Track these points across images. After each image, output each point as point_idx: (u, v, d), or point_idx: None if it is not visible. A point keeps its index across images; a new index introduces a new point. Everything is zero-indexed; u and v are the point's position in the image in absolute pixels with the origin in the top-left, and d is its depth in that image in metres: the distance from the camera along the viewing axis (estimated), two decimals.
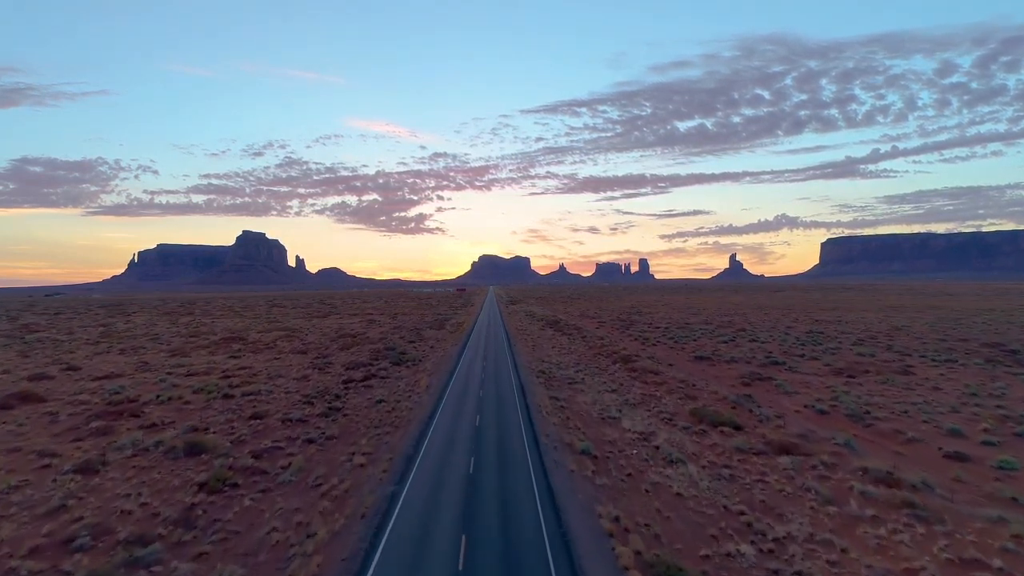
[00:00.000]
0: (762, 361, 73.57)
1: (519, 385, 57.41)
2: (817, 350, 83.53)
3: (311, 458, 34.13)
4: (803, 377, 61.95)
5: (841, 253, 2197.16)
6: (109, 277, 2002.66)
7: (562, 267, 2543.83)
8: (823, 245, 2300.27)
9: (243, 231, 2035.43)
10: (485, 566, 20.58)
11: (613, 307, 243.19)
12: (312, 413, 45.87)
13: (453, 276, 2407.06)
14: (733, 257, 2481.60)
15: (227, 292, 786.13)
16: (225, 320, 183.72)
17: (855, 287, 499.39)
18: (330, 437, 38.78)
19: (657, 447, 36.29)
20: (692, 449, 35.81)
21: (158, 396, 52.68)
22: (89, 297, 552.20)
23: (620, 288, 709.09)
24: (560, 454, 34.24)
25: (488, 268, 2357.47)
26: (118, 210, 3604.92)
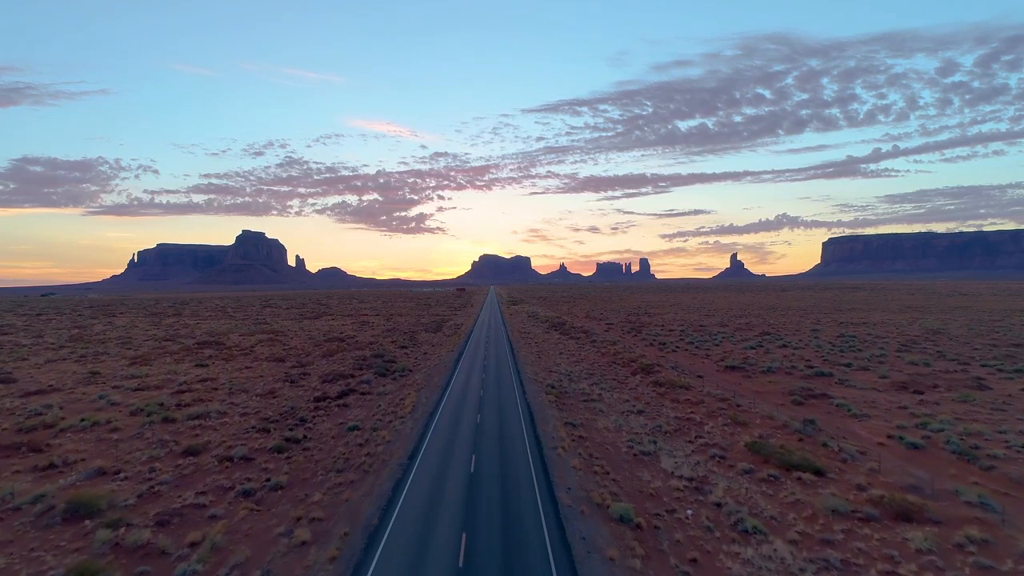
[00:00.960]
0: (804, 371, 63.65)
1: (525, 406, 47.48)
2: (860, 358, 73.58)
3: (236, 527, 24.25)
4: (863, 394, 51.99)
5: (843, 252, 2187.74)
6: (109, 277, 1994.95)
7: (563, 267, 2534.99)
8: (825, 244, 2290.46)
9: (242, 231, 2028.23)
10: None
11: (618, 307, 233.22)
12: (263, 447, 35.98)
13: (454, 276, 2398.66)
14: (734, 256, 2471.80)
15: (225, 292, 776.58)
16: (211, 322, 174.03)
17: (865, 287, 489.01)
18: (275, 487, 28.89)
19: (718, 504, 26.42)
20: (768, 509, 25.91)
21: (83, 420, 42.83)
22: (84, 297, 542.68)
23: (622, 288, 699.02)
24: (589, 523, 24.30)
25: (489, 268, 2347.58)
26: (119, 210, 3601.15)
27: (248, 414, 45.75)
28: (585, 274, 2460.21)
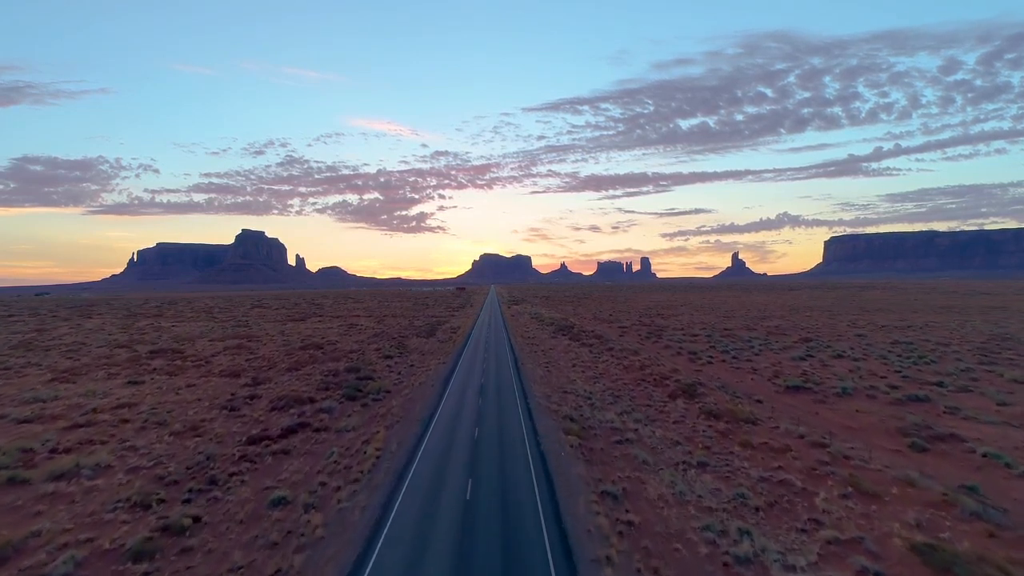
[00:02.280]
0: (890, 394, 49.74)
1: (538, 457, 33.45)
2: (944, 373, 59.69)
3: None
4: (1001, 432, 38.07)
5: (845, 251, 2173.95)
6: (109, 276, 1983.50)
7: (563, 266, 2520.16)
8: (827, 243, 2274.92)
9: (242, 230, 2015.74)
10: None
11: (626, 308, 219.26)
12: (118, 545, 22.16)
13: (454, 275, 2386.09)
14: (736, 255, 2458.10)
15: (223, 292, 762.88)
16: (188, 324, 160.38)
17: (875, 286, 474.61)
18: None
19: None
20: None
21: None
22: (77, 297, 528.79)
23: (625, 287, 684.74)
24: None
25: (489, 267, 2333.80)
26: (119, 209, 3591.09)
27: (141, 469, 31.89)
28: (586, 273, 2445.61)
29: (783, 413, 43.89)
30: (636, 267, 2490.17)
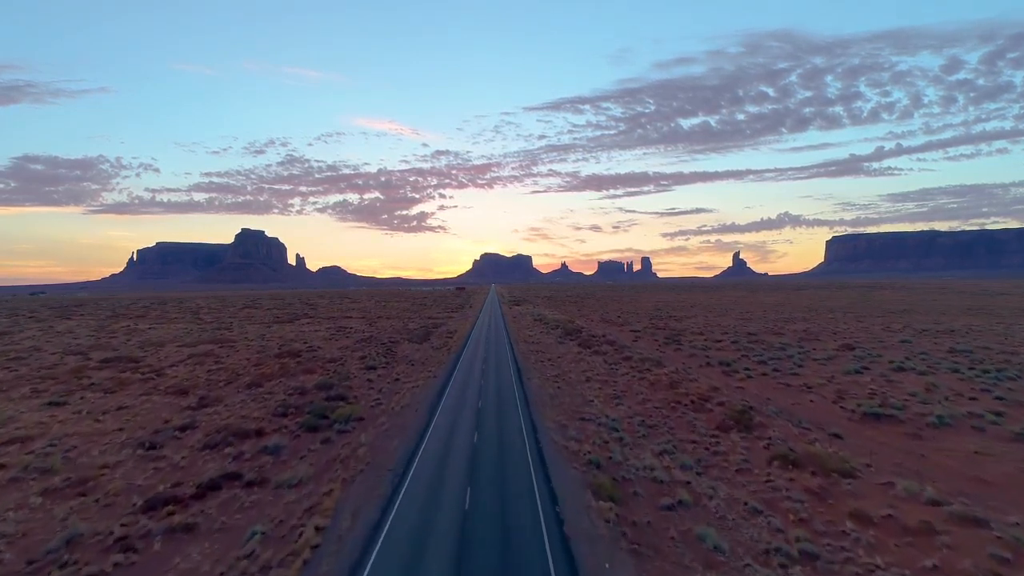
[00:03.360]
0: (995, 422, 38.77)
1: (559, 541, 22.53)
2: None
3: None
4: None
5: (846, 251, 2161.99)
6: (108, 276, 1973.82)
7: (564, 265, 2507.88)
8: (828, 243, 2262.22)
9: (242, 229, 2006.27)
10: None
11: (633, 308, 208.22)
12: None
13: (455, 274, 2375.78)
14: (737, 255, 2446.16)
15: (220, 291, 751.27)
16: (168, 326, 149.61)
17: (884, 285, 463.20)
18: None
19: None
20: None
21: None
22: (72, 296, 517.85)
23: (627, 287, 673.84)
24: None
25: (490, 266, 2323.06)
26: (120, 208, 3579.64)
27: None
28: (586, 273, 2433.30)
29: (880, 456, 32.90)
30: (637, 267, 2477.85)
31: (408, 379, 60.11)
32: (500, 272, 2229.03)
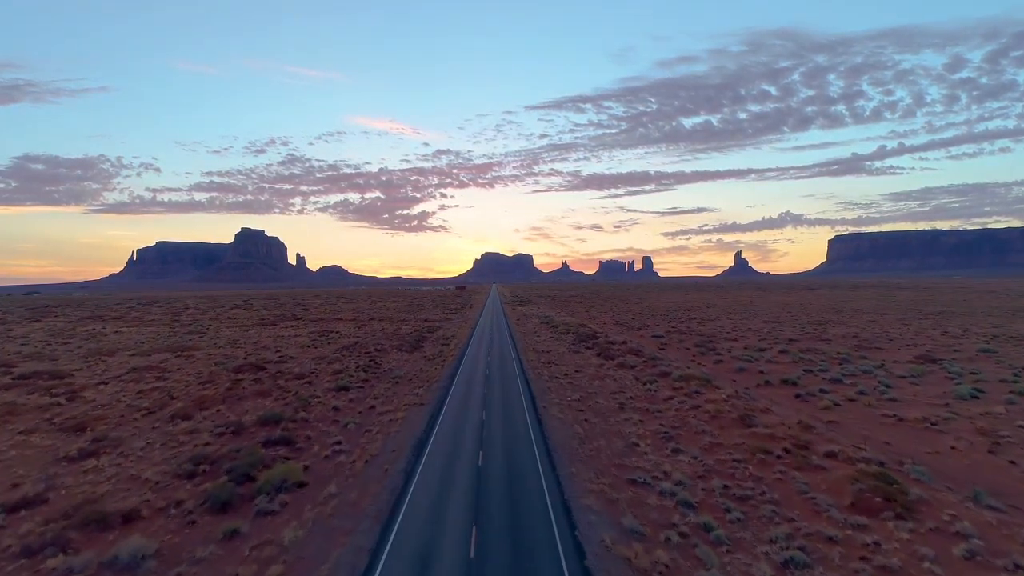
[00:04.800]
0: None
1: None
2: None
3: None
4: None
5: (849, 250, 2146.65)
6: (108, 275, 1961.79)
7: (565, 265, 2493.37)
8: (831, 242, 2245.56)
9: (241, 228, 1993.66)
10: None
11: (645, 309, 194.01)
12: None
13: (455, 274, 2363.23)
14: (739, 254, 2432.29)
15: (218, 290, 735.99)
16: (137, 329, 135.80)
17: (908, 285, 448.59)
18: None
19: None
20: None
21: None
22: (66, 296, 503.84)
23: (631, 286, 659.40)
24: None
25: (490, 266, 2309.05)
26: (120, 208, 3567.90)
27: None
28: (587, 272, 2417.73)
29: None
30: (638, 266, 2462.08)
31: (387, 406, 45.93)
32: (501, 272, 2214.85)
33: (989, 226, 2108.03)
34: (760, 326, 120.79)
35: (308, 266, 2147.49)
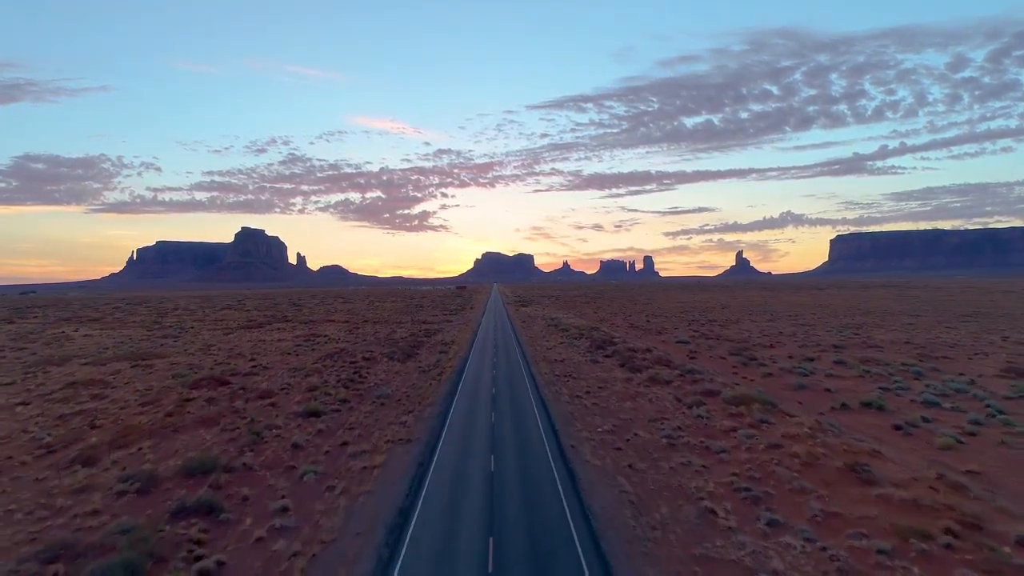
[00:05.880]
0: None
1: None
2: None
3: None
4: None
5: (851, 250, 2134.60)
6: (108, 275, 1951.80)
7: (566, 264, 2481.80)
8: (833, 242, 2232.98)
9: (241, 228, 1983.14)
10: None
11: (657, 310, 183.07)
12: None
13: (456, 273, 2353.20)
14: (740, 254, 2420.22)
15: (214, 290, 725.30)
16: (109, 333, 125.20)
17: (917, 285, 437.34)
18: None
19: None
20: None
21: None
22: (61, 296, 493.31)
23: (635, 286, 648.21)
24: None
25: (491, 265, 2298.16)
26: (121, 207, 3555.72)
27: None
28: (588, 272, 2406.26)
29: None
30: (640, 266, 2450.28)
31: (364, 443, 34.99)
32: (502, 271, 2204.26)
33: (991, 226, 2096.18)
34: (790, 329, 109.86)
35: (309, 266, 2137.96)
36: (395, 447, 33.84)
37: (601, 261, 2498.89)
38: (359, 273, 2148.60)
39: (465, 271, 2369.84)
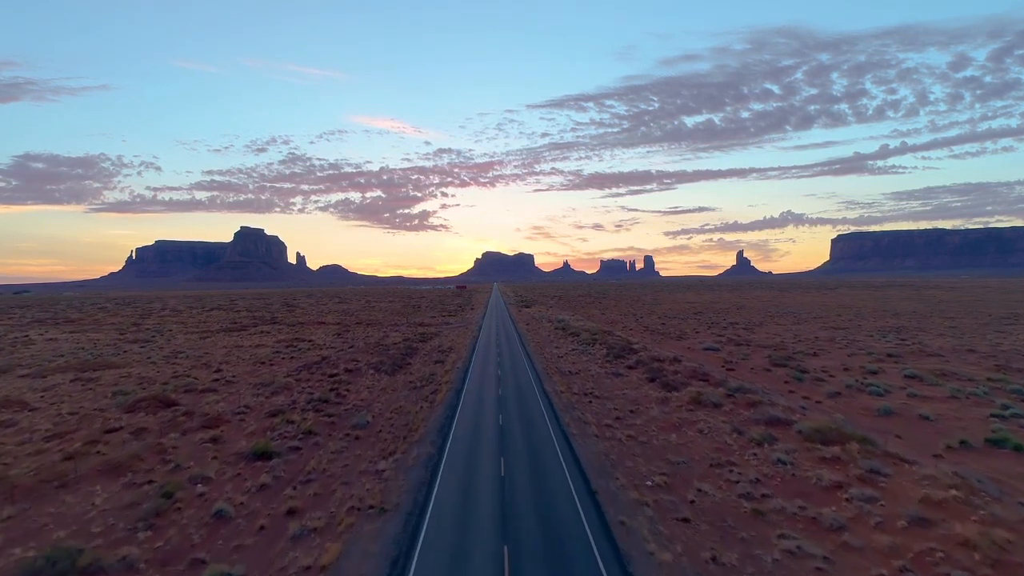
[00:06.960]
0: None
1: None
2: None
3: None
4: None
5: (852, 250, 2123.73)
6: (107, 274, 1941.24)
7: (566, 264, 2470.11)
8: (834, 242, 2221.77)
9: (241, 227, 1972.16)
10: None
11: (667, 311, 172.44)
12: None
13: (456, 273, 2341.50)
14: (741, 254, 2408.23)
15: (211, 289, 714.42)
16: (76, 336, 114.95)
17: (929, 284, 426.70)
18: None
19: None
20: None
21: None
22: (55, 295, 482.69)
23: (637, 285, 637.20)
24: None
25: (491, 265, 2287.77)
26: (121, 207, 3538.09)
27: None
28: (589, 271, 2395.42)
29: None
30: (640, 265, 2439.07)
31: (318, 511, 24.40)
32: (502, 271, 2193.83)
33: (992, 225, 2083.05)
34: (824, 333, 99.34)
35: (308, 265, 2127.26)
36: (361, 523, 23.12)
37: (601, 261, 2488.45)
38: (359, 273, 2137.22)
39: (465, 271, 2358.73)
